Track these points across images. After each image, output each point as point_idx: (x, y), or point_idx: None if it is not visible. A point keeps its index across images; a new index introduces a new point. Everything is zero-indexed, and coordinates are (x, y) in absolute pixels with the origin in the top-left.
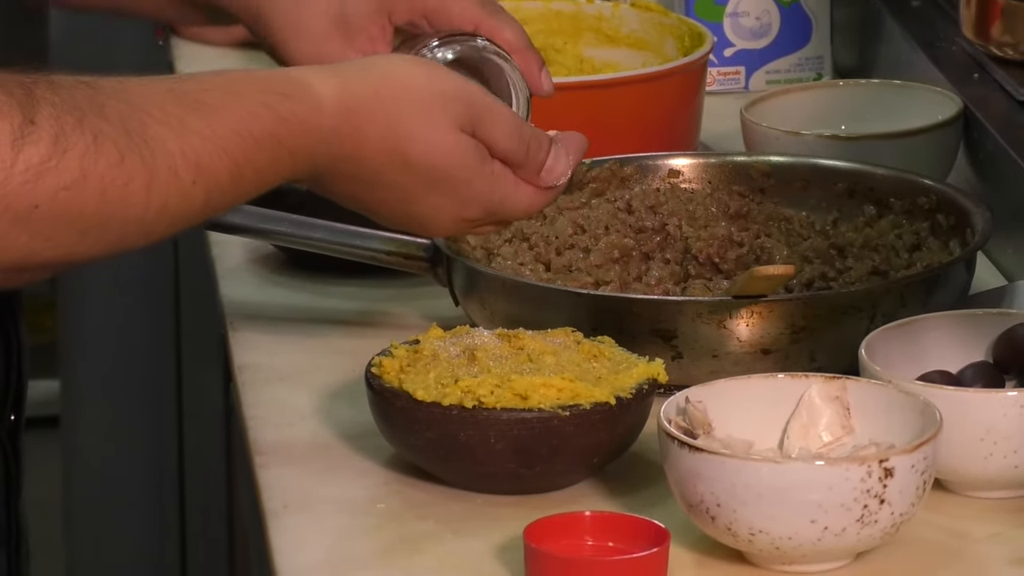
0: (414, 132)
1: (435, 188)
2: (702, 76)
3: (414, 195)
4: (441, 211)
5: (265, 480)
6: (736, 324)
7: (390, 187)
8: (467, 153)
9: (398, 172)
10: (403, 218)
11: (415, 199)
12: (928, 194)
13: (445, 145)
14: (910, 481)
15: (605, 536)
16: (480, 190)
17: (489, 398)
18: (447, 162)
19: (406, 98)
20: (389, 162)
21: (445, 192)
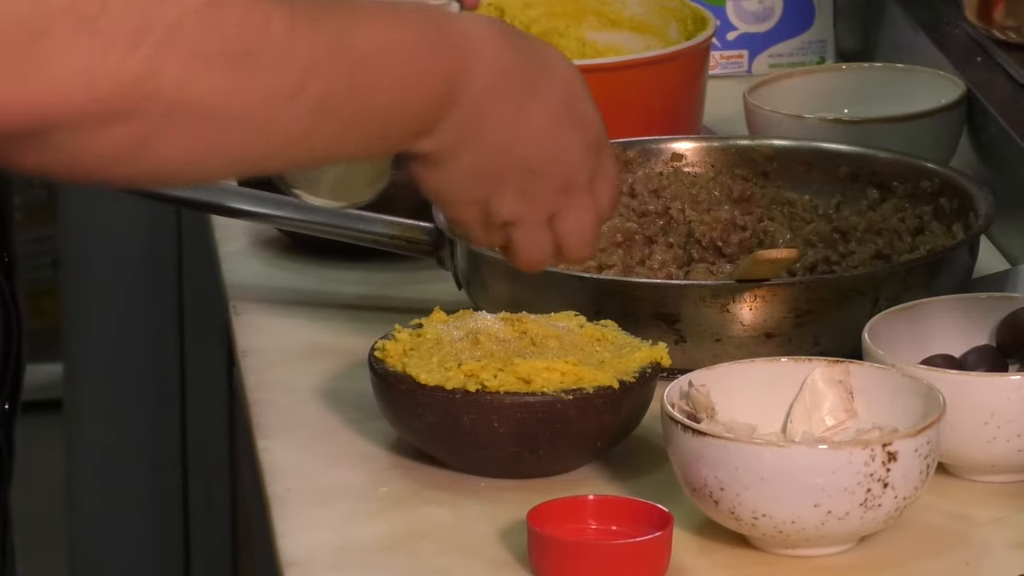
0: (534, 106)
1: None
2: (705, 60)
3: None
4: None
5: (268, 464)
6: (739, 308)
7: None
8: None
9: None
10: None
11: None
12: (931, 178)
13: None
14: (913, 465)
15: (608, 520)
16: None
17: (492, 382)
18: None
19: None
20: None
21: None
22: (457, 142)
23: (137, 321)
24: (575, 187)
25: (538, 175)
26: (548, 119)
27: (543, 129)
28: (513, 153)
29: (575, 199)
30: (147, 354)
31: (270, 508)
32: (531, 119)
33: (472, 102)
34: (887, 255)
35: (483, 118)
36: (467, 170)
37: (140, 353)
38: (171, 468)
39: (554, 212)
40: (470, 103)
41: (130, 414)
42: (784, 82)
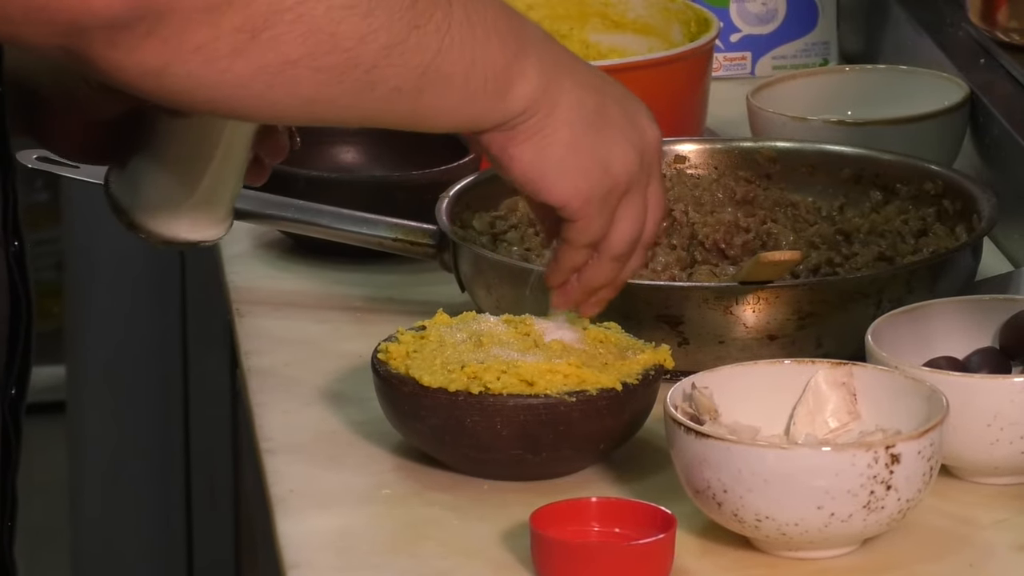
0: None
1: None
2: (708, 61)
3: (621, 94)
4: (642, 109)
5: (271, 466)
6: (742, 310)
7: (606, 83)
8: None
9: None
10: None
11: (624, 96)
12: (934, 179)
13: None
14: (916, 467)
15: (612, 522)
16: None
17: (495, 384)
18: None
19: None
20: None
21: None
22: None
23: (140, 323)
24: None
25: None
26: (619, 95)
27: (620, 94)
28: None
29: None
30: (150, 356)
31: (273, 510)
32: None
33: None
34: (890, 257)
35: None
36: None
37: (143, 355)
38: (174, 470)
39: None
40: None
41: (133, 416)
42: (787, 84)
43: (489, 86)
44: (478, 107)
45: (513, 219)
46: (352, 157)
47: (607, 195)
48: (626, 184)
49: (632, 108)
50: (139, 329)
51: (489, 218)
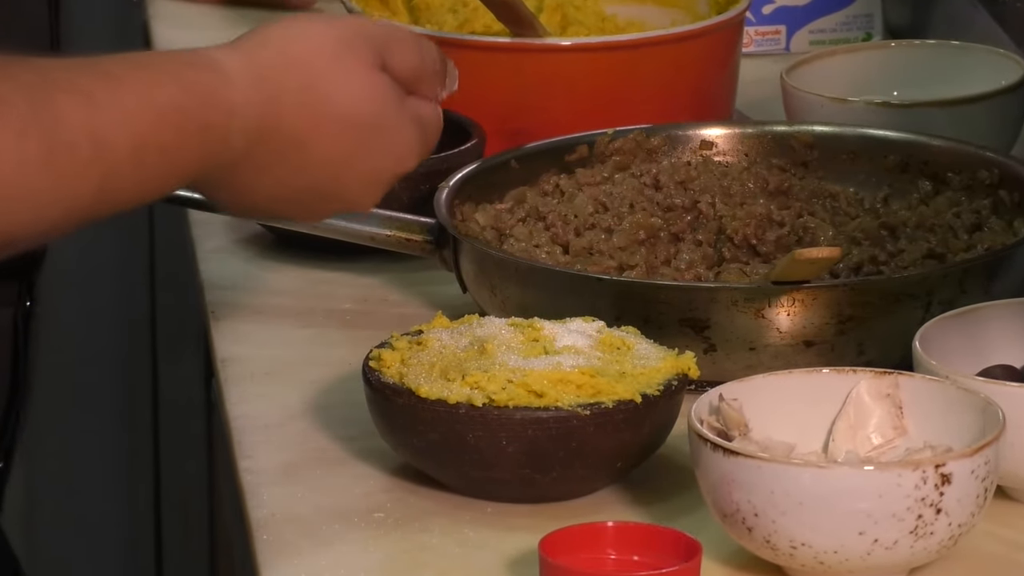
0: (333, 87)
1: (370, 147)
2: (738, 36)
3: (348, 164)
4: (379, 176)
5: (251, 487)
6: (775, 313)
7: (321, 164)
8: (389, 93)
9: (329, 137)
10: (331, 198)
11: (349, 169)
12: (990, 168)
13: (367, 89)
14: (969, 488)
15: (629, 549)
16: (411, 135)
17: (500, 395)
18: (375, 109)
19: (314, 55)
20: (316, 128)
21: (381, 149)
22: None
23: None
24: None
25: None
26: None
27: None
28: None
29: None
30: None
31: (253, 536)
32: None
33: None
34: (941, 254)
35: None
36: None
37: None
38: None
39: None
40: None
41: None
42: (826, 61)
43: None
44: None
45: (520, 212)
46: None
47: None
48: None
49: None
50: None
51: (493, 211)
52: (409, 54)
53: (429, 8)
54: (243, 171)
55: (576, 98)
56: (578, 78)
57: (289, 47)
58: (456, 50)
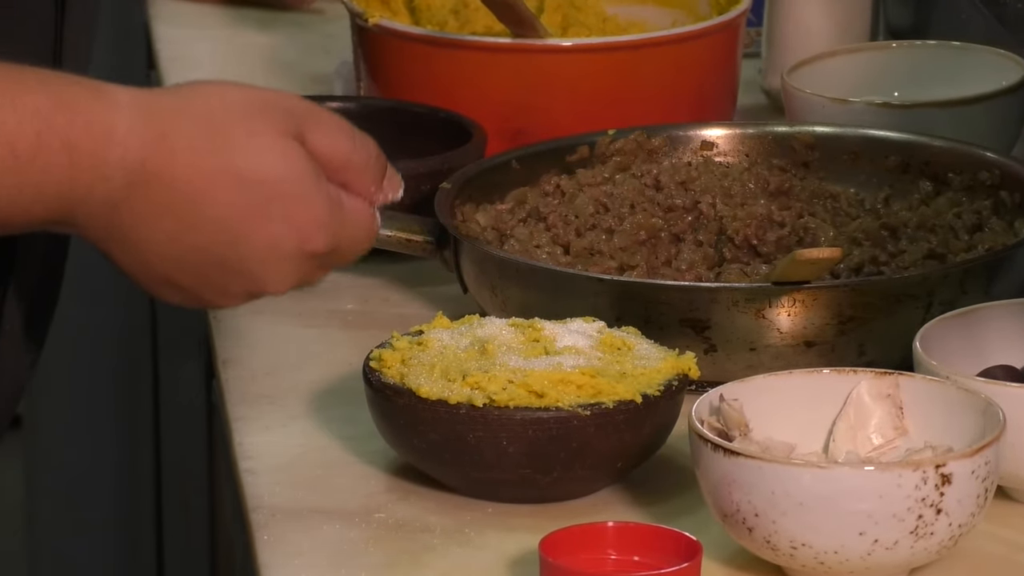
0: (237, 141)
1: (270, 212)
2: (739, 36)
3: (246, 227)
4: (279, 246)
5: (252, 488)
6: (776, 314)
7: (215, 223)
8: (300, 162)
9: (225, 193)
10: (232, 269)
11: (247, 233)
12: (990, 168)
13: (275, 152)
14: (970, 489)
15: (630, 549)
16: (320, 210)
17: (501, 395)
18: (280, 173)
19: (218, 109)
20: (210, 181)
21: (283, 216)
22: (120, 237)
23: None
24: (313, 260)
25: (252, 281)
26: (227, 240)
27: (225, 251)
28: (200, 276)
29: (318, 272)
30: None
31: (254, 537)
32: (203, 253)
33: (114, 208)
34: (941, 255)
35: (135, 238)
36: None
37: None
38: (143, 492)
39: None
40: (112, 207)
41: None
42: (827, 62)
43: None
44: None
45: (521, 213)
46: None
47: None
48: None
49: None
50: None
51: (494, 211)
52: (336, 138)
53: (430, 8)
54: (126, 215)
55: (577, 99)
56: (579, 79)
57: (194, 98)
58: (457, 51)
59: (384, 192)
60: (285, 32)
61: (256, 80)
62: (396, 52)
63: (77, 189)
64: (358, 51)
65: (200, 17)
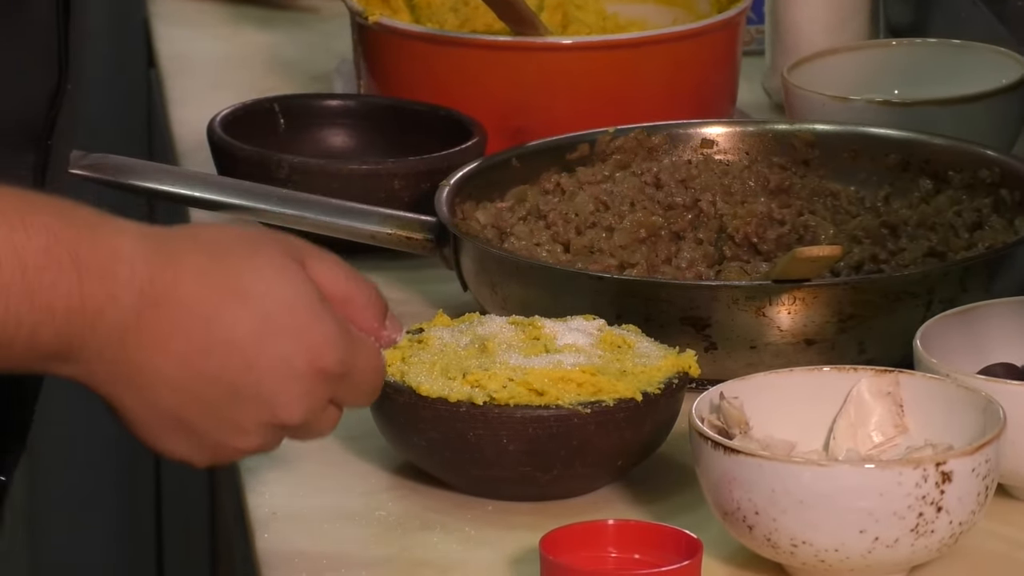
0: (243, 263)
1: (281, 330)
2: (739, 34)
3: (258, 349)
4: (291, 363)
5: (252, 485)
6: (776, 311)
7: (229, 346)
8: (307, 283)
9: (234, 315)
10: (245, 396)
11: (259, 356)
12: (991, 166)
13: (282, 273)
14: (970, 486)
15: (630, 547)
16: (330, 327)
17: (501, 393)
18: (288, 292)
19: (223, 236)
20: (221, 302)
21: (293, 333)
22: (130, 367)
23: None
24: (327, 380)
25: (267, 406)
26: (240, 365)
27: (238, 376)
28: (211, 404)
29: (333, 406)
30: None
31: (254, 536)
32: (214, 383)
33: (123, 335)
34: (941, 253)
35: (149, 367)
36: (172, 384)
37: None
38: (143, 489)
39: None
40: (122, 334)
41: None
42: (827, 59)
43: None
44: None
45: (521, 211)
46: (342, 141)
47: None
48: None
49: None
50: None
51: (494, 209)
52: (337, 272)
53: (430, 6)
54: (135, 343)
55: (577, 97)
56: (579, 77)
57: (195, 230)
58: (457, 48)
59: (389, 333)
60: (285, 30)
61: (256, 79)
62: (396, 50)
63: (87, 310)
64: (358, 49)
65: (200, 15)
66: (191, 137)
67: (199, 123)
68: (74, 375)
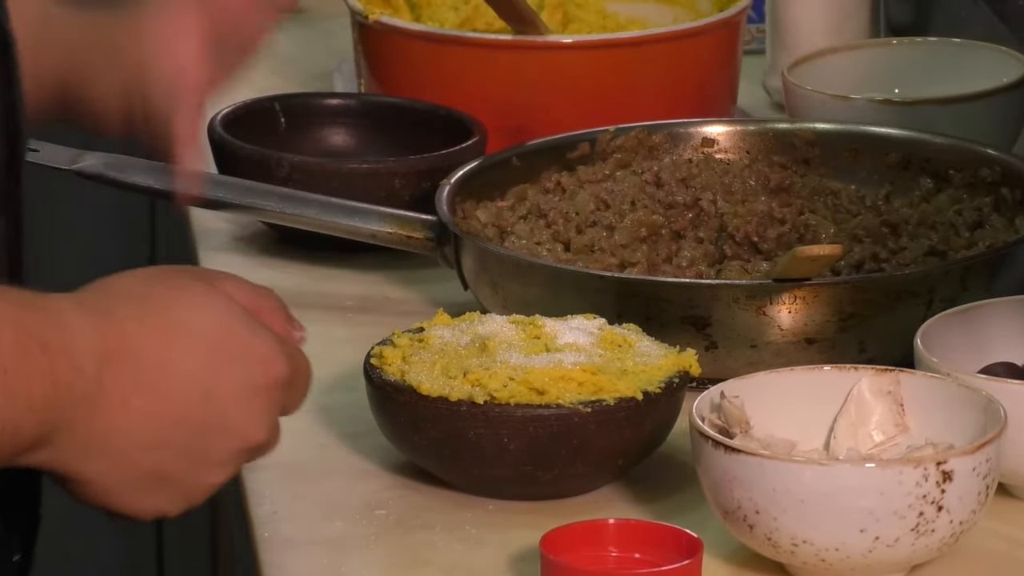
0: (168, 299)
1: (229, 354)
2: (739, 33)
3: (213, 378)
4: (249, 382)
5: (252, 484)
6: (777, 310)
7: (186, 383)
8: (229, 303)
9: (182, 351)
10: (213, 428)
11: (216, 384)
12: (991, 165)
13: (207, 299)
14: (971, 485)
15: (631, 546)
16: (268, 337)
17: (502, 392)
18: (221, 315)
19: (134, 280)
20: (167, 344)
21: (241, 354)
22: (79, 458)
23: None
24: (276, 386)
25: (231, 432)
26: (203, 393)
27: (203, 408)
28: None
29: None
30: None
31: (255, 534)
32: (184, 409)
33: (87, 393)
34: (942, 251)
35: (120, 409)
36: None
37: None
38: None
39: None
40: (87, 391)
41: None
42: (828, 59)
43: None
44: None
45: (521, 210)
46: (343, 140)
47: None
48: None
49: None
50: None
51: (495, 208)
52: (241, 284)
53: (431, 5)
54: (104, 409)
55: (578, 96)
56: (580, 76)
57: (105, 282)
58: (457, 47)
59: (299, 333)
60: (285, 29)
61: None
62: (397, 49)
63: (59, 391)
64: (358, 48)
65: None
66: None
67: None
68: (42, 461)
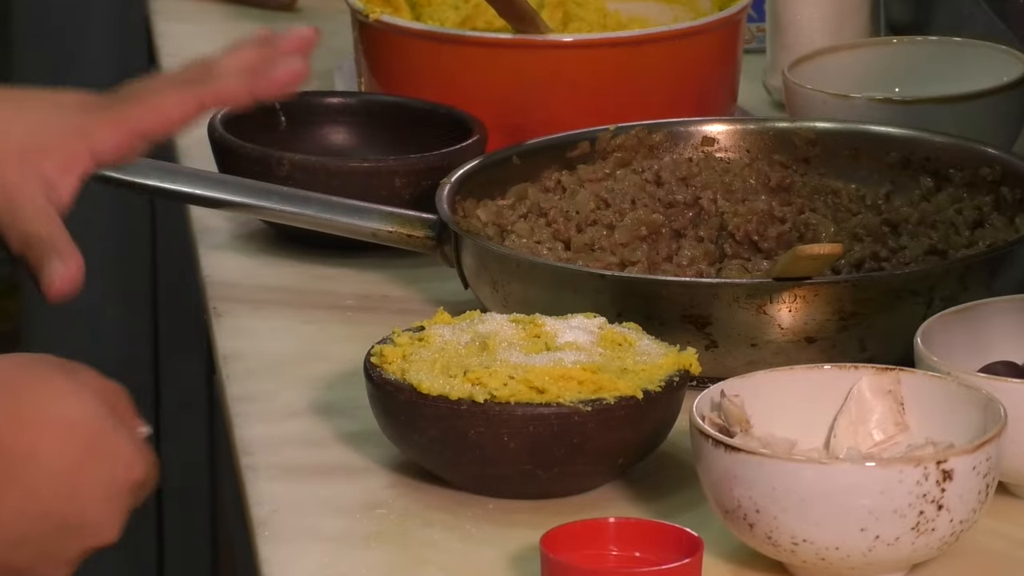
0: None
1: (97, 452)
2: (739, 32)
3: (81, 477)
4: (112, 484)
5: (253, 483)
6: (777, 309)
7: (52, 478)
8: (95, 398)
9: (58, 441)
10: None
11: (83, 483)
12: (992, 164)
13: (76, 391)
14: (971, 484)
15: (631, 545)
16: (128, 438)
17: (502, 391)
18: (91, 409)
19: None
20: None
21: (108, 453)
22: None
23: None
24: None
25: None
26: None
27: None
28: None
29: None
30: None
31: (255, 532)
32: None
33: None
34: (942, 250)
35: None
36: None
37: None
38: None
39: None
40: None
41: None
42: (828, 57)
43: None
44: None
45: (522, 208)
46: (343, 139)
47: None
48: None
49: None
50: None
51: (495, 207)
52: (96, 377)
53: (431, 4)
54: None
55: (578, 94)
56: (580, 74)
57: None
58: (458, 46)
59: (144, 427)
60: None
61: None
62: (397, 48)
63: None
64: (359, 47)
65: (201, 13)
66: (192, 135)
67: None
68: None
